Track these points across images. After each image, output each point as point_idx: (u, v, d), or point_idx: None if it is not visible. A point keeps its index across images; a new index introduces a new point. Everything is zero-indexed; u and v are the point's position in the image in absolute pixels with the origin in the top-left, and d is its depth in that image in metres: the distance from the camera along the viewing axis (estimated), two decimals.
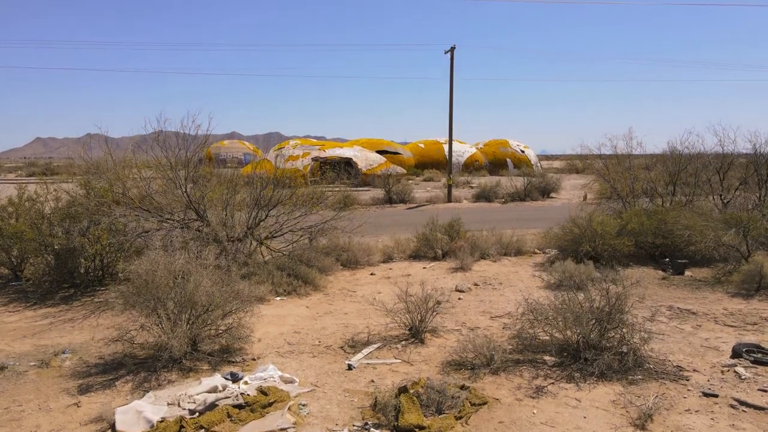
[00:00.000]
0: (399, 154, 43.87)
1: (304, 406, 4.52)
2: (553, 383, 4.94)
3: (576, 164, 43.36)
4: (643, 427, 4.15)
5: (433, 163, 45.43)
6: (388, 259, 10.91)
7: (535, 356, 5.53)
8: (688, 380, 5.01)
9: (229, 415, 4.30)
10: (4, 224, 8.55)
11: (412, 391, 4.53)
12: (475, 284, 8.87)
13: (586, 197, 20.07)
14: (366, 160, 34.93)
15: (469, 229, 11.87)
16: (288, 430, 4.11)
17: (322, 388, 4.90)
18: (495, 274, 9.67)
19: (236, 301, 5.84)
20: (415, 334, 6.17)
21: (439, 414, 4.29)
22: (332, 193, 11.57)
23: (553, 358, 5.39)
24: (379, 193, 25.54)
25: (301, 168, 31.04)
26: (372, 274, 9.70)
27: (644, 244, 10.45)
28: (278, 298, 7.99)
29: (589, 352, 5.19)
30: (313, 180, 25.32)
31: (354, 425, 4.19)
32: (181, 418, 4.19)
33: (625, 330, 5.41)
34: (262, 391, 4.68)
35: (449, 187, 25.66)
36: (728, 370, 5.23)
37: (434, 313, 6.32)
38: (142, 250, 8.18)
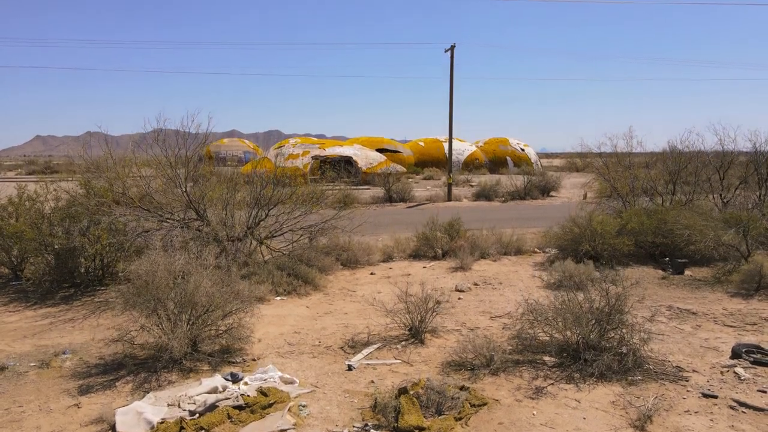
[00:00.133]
0: (399, 152, 43.86)
1: (304, 407, 4.52)
2: (552, 384, 4.95)
3: (576, 162, 43.33)
4: (643, 428, 4.16)
5: (433, 162, 45.41)
6: (388, 258, 10.91)
7: (535, 357, 5.53)
8: (687, 381, 5.01)
9: (230, 416, 4.31)
10: (4, 224, 8.55)
11: (412, 392, 4.54)
12: (475, 284, 8.88)
13: (586, 196, 20.06)
14: (366, 158, 34.92)
15: (469, 228, 11.87)
16: (288, 431, 4.12)
17: (322, 389, 4.91)
18: (495, 273, 9.67)
19: (236, 302, 5.84)
20: (415, 335, 6.17)
21: (439, 415, 4.30)
22: (332, 192, 11.56)
23: (553, 359, 5.40)
24: (379, 191, 25.53)
25: (301, 166, 31.02)
26: (372, 274, 9.71)
27: (644, 244, 10.46)
28: (278, 298, 8.00)
29: (589, 353, 5.20)
30: (313, 179, 25.31)
31: (354, 426, 4.20)
32: (182, 419, 4.20)
33: (624, 330, 5.41)
34: (262, 392, 4.68)
35: (449, 185, 25.65)
36: (728, 371, 5.24)
37: (434, 313, 6.32)
38: (142, 249, 8.17)
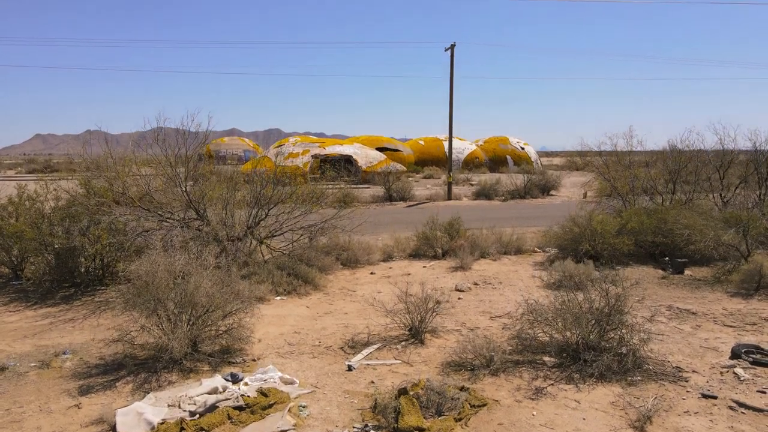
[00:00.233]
0: (399, 151, 43.85)
1: (304, 407, 4.53)
2: (552, 384, 4.95)
3: (576, 161, 43.34)
4: (642, 429, 4.16)
5: (433, 160, 45.42)
6: (388, 257, 10.91)
7: (535, 357, 5.54)
8: (687, 381, 5.02)
9: (230, 417, 4.32)
10: (4, 224, 8.55)
11: (411, 393, 4.54)
12: (475, 283, 8.88)
13: (586, 195, 20.06)
14: (366, 157, 34.91)
15: (469, 228, 11.87)
16: None
17: (322, 390, 4.92)
18: (495, 273, 9.67)
19: (236, 302, 5.85)
20: (415, 335, 6.18)
21: (439, 416, 4.30)
22: (332, 191, 11.56)
23: (553, 359, 5.40)
24: (379, 190, 25.53)
25: (301, 165, 31.02)
26: (372, 274, 9.71)
27: (644, 243, 10.46)
28: (278, 298, 8.00)
29: (589, 353, 5.21)
30: (313, 177, 25.32)
31: (354, 427, 4.20)
32: (182, 420, 4.20)
33: (624, 331, 5.42)
34: (263, 393, 4.69)
35: (449, 184, 25.64)
36: (727, 371, 5.24)
37: (434, 313, 6.32)
38: (143, 249, 8.17)
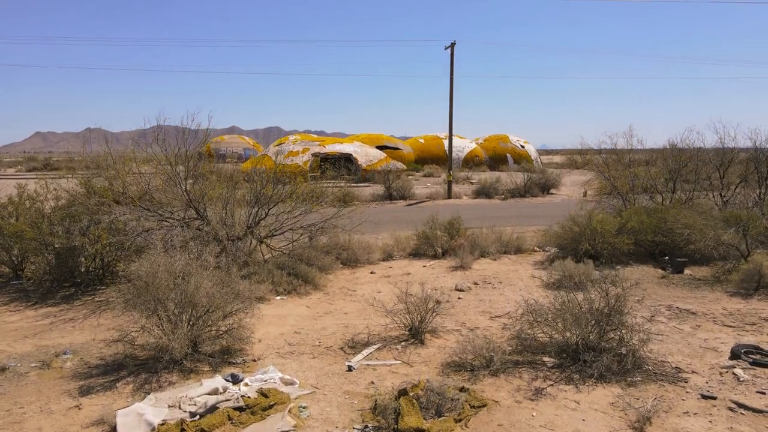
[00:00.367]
0: (399, 149, 43.85)
1: (304, 408, 4.54)
2: (552, 385, 4.96)
3: (576, 160, 43.36)
4: (642, 430, 4.17)
5: (433, 159, 45.41)
6: (388, 257, 10.92)
7: (535, 357, 5.54)
8: (686, 382, 5.03)
9: (230, 418, 4.32)
10: (4, 223, 8.55)
11: (411, 394, 4.55)
12: (475, 283, 8.88)
13: (586, 194, 20.05)
14: (366, 155, 34.90)
15: (469, 227, 11.88)
16: None
17: (322, 390, 4.92)
18: (495, 272, 9.68)
19: (237, 302, 5.85)
20: (415, 335, 6.18)
21: (439, 416, 4.31)
22: (332, 190, 11.55)
23: (552, 360, 5.41)
24: (379, 189, 25.52)
25: (301, 164, 31.00)
26: (372, 273, 9.71)
27: (644, 243, 10.46)
28: (278, 298, 8.01)
29: (588, 354, 5.21)
30: (313, 176, 25.30)
31: (354, 428, 4.21)
32: (182, 421, 4.21)
33: (624, 331, 5.42)
34: (263, 393, 4.70)
35: (449, 183, 25.61)
36: (727, 372, 5.25)
37: (434, 313, 6.33)
38: (143, 249, 8.18)
